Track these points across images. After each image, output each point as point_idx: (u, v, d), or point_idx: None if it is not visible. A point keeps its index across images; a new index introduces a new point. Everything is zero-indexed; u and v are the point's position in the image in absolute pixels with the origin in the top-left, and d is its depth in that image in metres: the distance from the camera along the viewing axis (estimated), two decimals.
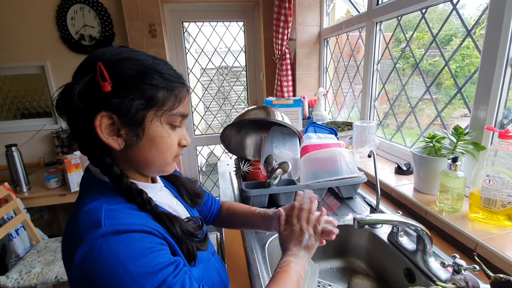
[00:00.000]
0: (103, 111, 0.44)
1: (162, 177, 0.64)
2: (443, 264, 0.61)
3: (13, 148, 1.77)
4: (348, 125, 1.56)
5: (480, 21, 0.90)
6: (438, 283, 0.48)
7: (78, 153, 1.87)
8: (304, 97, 1.94)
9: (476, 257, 0.52)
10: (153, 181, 0.59)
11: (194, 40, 2.57)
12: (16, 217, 1.54)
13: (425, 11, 1.10)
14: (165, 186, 0.63)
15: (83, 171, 0.58)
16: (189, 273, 0.45)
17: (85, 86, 0.44)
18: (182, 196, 0.66)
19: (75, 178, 1.76)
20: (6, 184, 1.57)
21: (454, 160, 0.80)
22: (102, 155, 0.47)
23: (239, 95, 2.82)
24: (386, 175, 1.14)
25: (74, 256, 0.39)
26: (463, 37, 0.96)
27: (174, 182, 0.67)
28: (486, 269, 0.49)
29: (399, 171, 1.15)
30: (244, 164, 1.15)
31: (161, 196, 0.57)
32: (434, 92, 1.16)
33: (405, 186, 1.03)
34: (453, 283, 0.48)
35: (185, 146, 0.54)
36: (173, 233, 0.47)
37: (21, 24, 2.18)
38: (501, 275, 0.46)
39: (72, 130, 0.49)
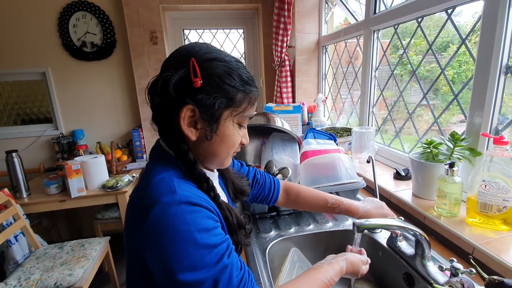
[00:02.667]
0: (189, 105, 0.48)
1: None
2: (441, 268, 0.62)
3: (14, 154, 1.78)
4: (347, 131, 1.58)
5: (475, 28, 0.93)
6: (435, 285, 0.49)
7: (78, 158, 1.88)
8: (303, 103, 1.96)
9: (471, 260, 0.53)
10: (212, 171, 0.62)
11: None
12: (16, 223, 1.54)
13: (421, 20, 1.13)
14: None
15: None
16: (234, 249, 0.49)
17: (179, 79, 0.47)
18: (227, 189, 0.69)
19: (75, 184, 1.76)
20: (5, 190, 1.57)
21: (451, 165, 0.81)
22: (179, 142, 0.51)
23: None
24: (385, 181, 1.15)
25: (148, 213, 0.43)
26: (459, 44, 0.99)
27: (224, 175, 0.70)
28: (481, 271, 0.50)
29: (397, 176, 1.16)
30: None
31: (215, 185, 0.60)
32: (432, 98, 1.18)
33: (404, 192, 1.04)
34: (449, 286, 0.49)
35: (243, 144, 0.58)
36: (230, 222, 0.52)
37: (23, 30, 2.21)
38: (495, 277, 0.47)
39: (156, 115, 0.53)
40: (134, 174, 2.06)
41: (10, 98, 2.36)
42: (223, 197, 0.65)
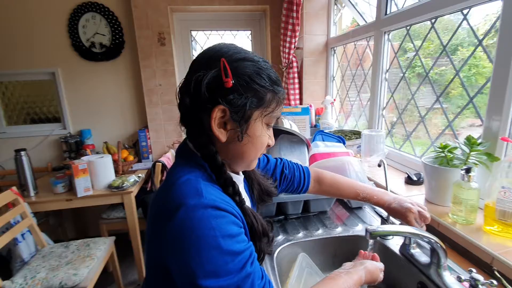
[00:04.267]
0: (221, 105, 0.47)
1: None
2: (459, 279, 0.59)
3: (22, 153, 1.79)
4: (356, 134, 1.55)
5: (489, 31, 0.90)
6: None
7: (85, 158, 1.88)
8: (311, 105, 1.94)
9: (496, 272, 0.50)
10: (237, 173, 0.61)
11: (202, 48, 2.61)
12: (23, 222, 1.54)
13: (435, 21, 1.10)
14: None
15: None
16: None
17: (211, 79, 0.47)
18: (252, 191, 0.68)
19: (82, 184, 1.76)
20: (14, 188, 1.58)
21: (468, 170, 0.78)
22: (208, 143, 0.50)
23: None
24: (396, 185, 1.12)
25: (174, 216, 0.42)
26: (470, 46, 0.96)
27: (250, 175, 0.68)
28: (507, 285, 0.47)
29: (409, 181, 1.13)
30: None
31: (241, 189, 0.59)
32: (442, 102, 1.15)
33: (416, 197, 1.01)
34: None
35: (269, 146, 0.57)
36: (255, 229, 0.51)
37: (34, 31, 2.24)
38: None
39: (185, 116, 0.52)
40: (140, 175, 2.06)
41: (21, 98, 2.39)
42: (247, 200, 0.63)
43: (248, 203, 0.63)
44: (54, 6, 2.21)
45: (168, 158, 2.17)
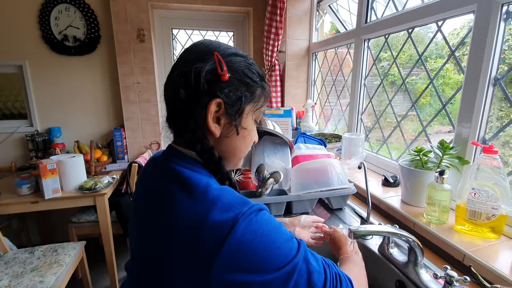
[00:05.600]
0: (218, 98, 0.46)
1: None
2: (435, 276, 0.62)
3: None
4: (336, 137, 1.59)
5: (465, 42, 0.96)
6: None
7: (55, 157, 1.77)
8: (292, 108, 1.97)
9: (472, 269, 0.53)
10: None
11: (183, 47, 2.56)
12: None
13: (411, 31, 1.16)
14: None
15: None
16: None
17: (209, 71, 0.46)
18: None
19: (50, 185, 1.65)
20: None
21: (442, 173, 0.83)
22: (203, 138, 0.49)
23: None
24: (374, 187, 1.16)
25: (233, 228, 0.40)
26: (438, 58, 1.02)
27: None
28: (483, 280, 0.50)
29: (386, 183, 1.17)
30: (236, 173, 1.13)
31: None
32: (412, 109, 1.21)
33: (393, 198, 1.05)
34: None
35: (254, 142, 0.58)
36: None
37: (1, 20, 2.08)
38: (498, 286, 0.47)
39: (177, 111, 0.50)
40: (114, 176, 1.97)
41: None
42: None
43: None
44: None
45: (145, 159, 2.09)
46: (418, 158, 0.98)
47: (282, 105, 2.17)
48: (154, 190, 0.50)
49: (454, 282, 0.58)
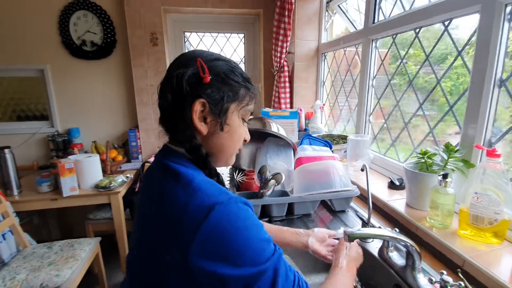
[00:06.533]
0: (201, 98, 0.51)
1: None
2: (430, 281, 0.61)
3: (6, 150, 1.76)
4: (343, 139, 1.58)
5: (471, 42, 0.94)
6: None
7: (72, 157, 1.86)
8: (301, 110, 1.97)
9: (460, 274, 0.52)
10: None
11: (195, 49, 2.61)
12: (4, 221, 1.51)
13: (419, 31, 1.14)
14: None
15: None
16: None
17: (191, 75, 0.52)
18: None
19: (68, 183, 1.74)
20: None
21: (445, 176, 0.81)
22: (191, 137, 0.54)
23: None
24: (379, 190, 1.15)
25: (208, 215, 0.44)
26: (456, 56, 0.99)
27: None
28: (468, 285, 0.49)
29: (392, 186, 1.15)
30: (238, 174, 1.15)
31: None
32: (429, 109, 1.18)
33: (398, 201, 1.04)
34: None
35: (246, 141, 0.62)
36: None
37: (24, 27, 2.21)
38: None
39: (167, 113, 0.55)
40: (128, 175, 2.05)
41: (7, 94, 2.34)
42: None
43: None
44: (45, 2, 2.18)
45: None
46: (423, 160, 0.96)
47: (291, 107, 2.17)
48: (150, 182, 0.57)
49: (449, 287, 0.58)
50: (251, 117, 0.72)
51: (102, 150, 2.28)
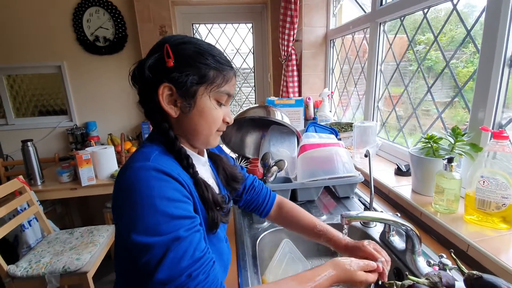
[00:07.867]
0: (165, 83, 0.52)
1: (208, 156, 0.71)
2: (429, 263, 0.61)
3: (29, 143, 1.87)
4: (351, 126, 1.56)
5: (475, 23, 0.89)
6: (410, 277, 0.48)
7: (89, 149, 1.95)
8: (309, 98, 1.95)
9: (452, 254, 0.51)
10: (200, 155, 0.65)
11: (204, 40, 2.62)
12: (29, 209, 1.62)
13: (427, 11, 1.09)
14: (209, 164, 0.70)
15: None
16: (202, 233, 0.50)
17: (155, 61, 0.53)
18: (219, 176, 0.72)
19: (85, 173, 1.83)
20: (20, 177, 1.65)
21: (450, 160, 0.79)
22: (161, 121, 0.56)
23: (247, 95, 2.85)
24: (386, 176, 1.13)
25: (121, 176, 0.48)
26: (479, 38, 0.93)
27: (216, 161, 0.73)
28: (461, 265, 0.48)
29: (398, 172, 1.13)
30: (241, 160, 1.17)
31: (201, 170, 0.62)
32: (451, 96, 1.11)
33: (404, 187, 1.02)
34: (427, 278, 0.48)
35: (228, 123, 0.62)
36: (205, 197, 0.55)
37: (42, 25, 2.31)
38: (474, 272, 0.46)
39: (141, 98, 0.58)
40: None
41: (29, 90, 2.47)
42: (214, 185, 0.66)
43: (216, 188, 0.67)
44: (59, 0, 2.26)
45: None
46: (429, 145, 0.94)
47: (300, 95, 2.15)
48: None
49: (447, 270, 0.57)
50: (255, 105, 0.71)
51: (117, 142, 2.36)
